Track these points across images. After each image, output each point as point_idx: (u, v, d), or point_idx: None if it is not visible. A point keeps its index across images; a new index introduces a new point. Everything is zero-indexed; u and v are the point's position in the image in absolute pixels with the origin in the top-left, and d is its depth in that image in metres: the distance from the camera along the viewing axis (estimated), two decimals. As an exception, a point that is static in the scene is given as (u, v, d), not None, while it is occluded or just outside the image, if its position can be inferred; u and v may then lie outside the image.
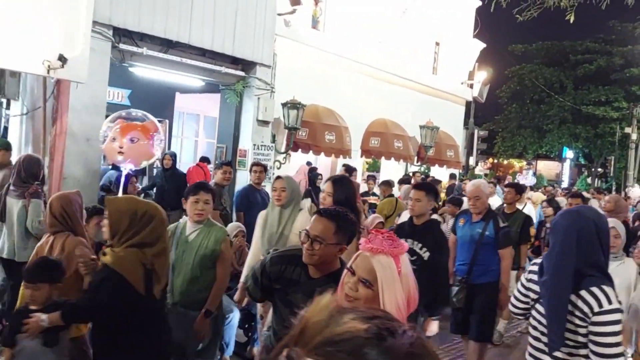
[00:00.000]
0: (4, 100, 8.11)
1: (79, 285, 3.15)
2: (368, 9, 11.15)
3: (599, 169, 30.03)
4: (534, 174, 29.28)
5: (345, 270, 1.91)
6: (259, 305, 3.85)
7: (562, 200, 9.49)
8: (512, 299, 2.79)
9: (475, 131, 18.48)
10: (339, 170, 10.13)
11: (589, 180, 28.91)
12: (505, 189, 6.40)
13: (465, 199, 9.06)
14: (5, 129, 7.77)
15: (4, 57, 5.30)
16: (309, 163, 9.59)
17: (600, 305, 2.30)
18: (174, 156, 8.10)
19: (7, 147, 5.71)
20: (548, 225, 6.43)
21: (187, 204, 3.58)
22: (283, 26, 9.16)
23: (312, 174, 8.79)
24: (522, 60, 29.09)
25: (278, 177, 3.98)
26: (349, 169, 8.19)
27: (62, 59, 5.61)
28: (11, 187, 4.61)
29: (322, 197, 3.48)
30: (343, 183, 3.52)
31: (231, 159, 8.68)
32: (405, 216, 5.78)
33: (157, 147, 4.40)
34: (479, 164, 21.46)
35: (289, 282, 2.44)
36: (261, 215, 4.09)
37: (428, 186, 4.35)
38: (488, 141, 22.33)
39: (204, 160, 9.20)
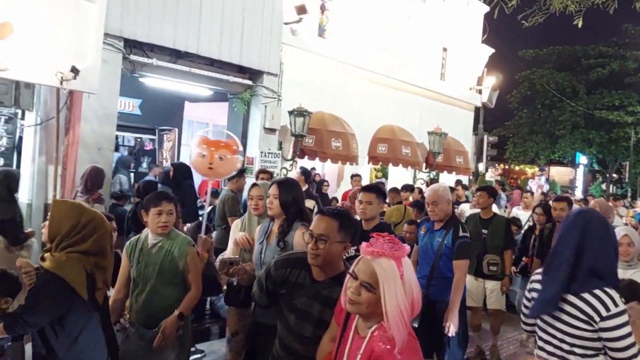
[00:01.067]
0: (19, 111, 8.36)
1: None
2: (374, 15, 11.27)
3: (614, 175, 29.67)
4: (547, 180, 29.05)
5: (347, 275, 1.92)
6: (229, 318, 3.72)
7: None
8: (521, 314, 2.73)
9: (485, 137, 18.43)
10: (346, 177, 10.24)
11: (603, 186, 28.58)
12: (476, 193, 5.79)
13: (465, 206, 9.15)
14: (20, 139, 8.01)
15: (18, 70, 5.49)
16: (313, 169, 9.70)
17: (607, 309, 2.27)
18: (178, 168, 8.08)
19: None
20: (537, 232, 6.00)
21: (148, 216, 3.31)
22: (289, 35, 9.32)
23: (318, 181, 8.87)
24: (532, 65, 28.91)
25: (254, 185, 3.71)
26: (305, 172, 7.96)
27: (75, 70, 5.79)
28: (79, 194, 5.42)
29: (268, 202, 3.29)
30: (288, 185, 3.35)
31: (245, 167, 8.83)
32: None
33: (239, 163, 4.81)
34: (490, 170, 21.37)
35: (294, 286, 2.44)
36: (236, 223, 3.88)
37: (377, 188, 4.13)
38: (499, 147, 22.22)
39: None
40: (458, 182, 13.38)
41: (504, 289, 5.58)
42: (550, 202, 6.12)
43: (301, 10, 9.00)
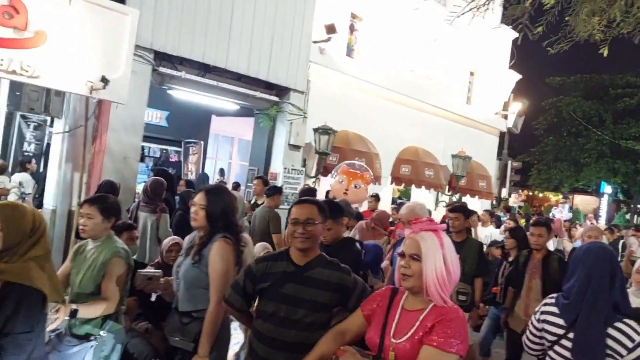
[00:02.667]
0: (48, 118, 8.49)
1: None
2: (402, 37, 11.28)
3: (639, 206, 29.04)
4: (570, 208, 28.49)
5: (398, 257, 2.16)
6: None
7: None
8: (525, 339, 2.69)
9: (509, 162, 18.20)
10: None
11: (627, 216, 27.94)
12: (449, 214, 5.09)
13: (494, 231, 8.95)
14: (48, 145, 8.13)
15: (50, 77, 5.56)
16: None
17: (632, 340, 2.29)
18: (190, 183, 8.06)
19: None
20: (511, 259, 5.52)
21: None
22: (317, 53, 9.34)
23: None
24: (559, 93, 28.65)
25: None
26: (265, 180, 7.75)
27: (105, 80, 5.86)
28: (142, 204, 5.76)
29: (193, 211, 2.96)
30: (218, 193, 3.03)
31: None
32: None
33: (368, 192, 5.07)
34: (513, 195, 21.06)
35: (279, 275, 2.51)
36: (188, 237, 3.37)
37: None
38: (523, 173, 21.92)
39: (237, 186, 9.44)
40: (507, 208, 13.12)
41: (470, 322, 5.05)
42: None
43: (330, 29, 9.03)
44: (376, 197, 8.24)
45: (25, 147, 8.73)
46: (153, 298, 3.12)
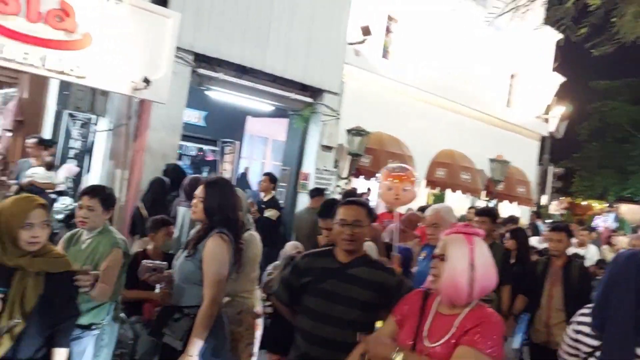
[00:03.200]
0: (93, 117, 8.87)
1: None
2: (438, 38, 11.21)
3: (689, 216, 27.69)
4: (616, 217, 27.45)
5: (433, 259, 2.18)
6: None
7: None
8: (560, 352, 2.58)
9: (550, 168, 17.76)
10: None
11: (678, 227, 26.74)
12: (476, 218, 4.99)
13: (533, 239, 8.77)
14: (93, 143, 8.49)
15: (95, 78, 5.86)
16: (369, 189, 9.68)
17: None
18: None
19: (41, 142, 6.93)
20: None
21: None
22: (352, 54, 9.42)
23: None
24: (604, 97, 27.68)
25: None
26: (273, 178, 7.51)
27: (147, 80, 6.12)
28: (181, 200, 5.72)
29: (193, 204, 2.93)
30: (217, 187, 2.92)
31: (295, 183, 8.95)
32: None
33: (416, 192, 5.29)
34: (554, 203, 20.51)
35: (321, 271, 2.55)
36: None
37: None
38: (565, 179, 21.32)
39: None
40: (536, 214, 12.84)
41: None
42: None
43: (366, 31, 9.10)
44: (423, 209, 8.19)
45: (71, 144, 9.12)
46: (157, 290, 3.08)
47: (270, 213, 7.10)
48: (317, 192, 6.55)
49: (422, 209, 7.14)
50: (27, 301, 2.27)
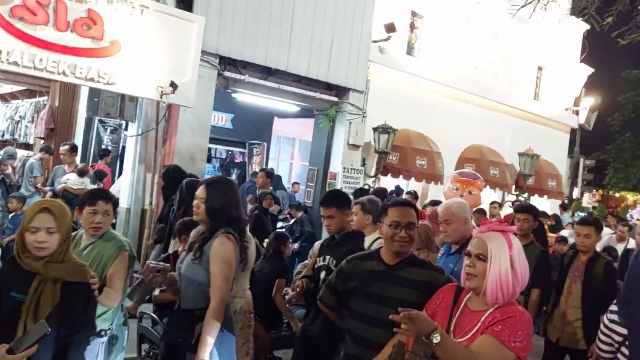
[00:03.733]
0: (123, 123, 9.04)
1: None
2: (464, 33, 11.07)
3: None
4: (651, 209, 26.65)
5: (464, 256, 2.17)
6: None
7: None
8: (597, 341, 2.65)
9: (581, 160, 17.34)
10: (430, 197, 10.02)
11: None
12: (518, 215, 4.75)
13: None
14: (124, 148, 8.65)
15: (124, 84, 5.97)
16: (397, 187, 9.60)
17: None
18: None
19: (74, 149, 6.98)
20: None
21: (82, 215, 3.07)
22: (377, 52, 9.36)
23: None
24: (637, 87, 26.93)
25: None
26: (269, 173, 7.73)
27: (174, 85, 6.21)
28: (249, 205, 5.90)
29: (195, 205, 2.87)
30: (219, 187, 2.86)
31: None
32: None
33: (481, 198, 5.48)
34: (586, 195, 20.04)
35: (368, 274, 2.52)
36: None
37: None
38: (597, 172, 20.78)
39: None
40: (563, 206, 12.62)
41: None
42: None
43: (390, 28, 9.02)
44: (435, 203, 8.10)
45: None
46: (156, 292, 3.02)
47: (271, 208, 7.37)
48: (361, 193, 6.54)
49: (434, 203, 6.65)
50: (42, 309, 2.23)
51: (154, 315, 4.21)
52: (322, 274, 3.33)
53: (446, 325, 2.09)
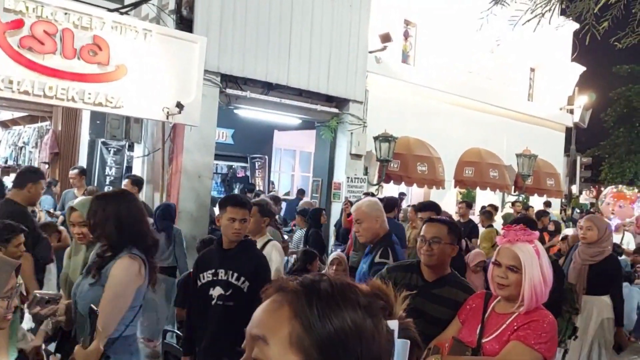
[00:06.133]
0: (126, 143, 9.11)
1: None
2: (457, 39, 11.24)
3: None
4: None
5: (490, 265, 2.23)
6: None
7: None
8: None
9: (578, 158, 17.53)
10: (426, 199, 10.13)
11: None
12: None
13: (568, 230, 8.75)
14: (128, 169, 8.71)
15: (131, 106, 6.06)
16: (401, 194, 9.72)
17: None
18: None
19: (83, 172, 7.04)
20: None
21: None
22: (374, 63, 9.51)
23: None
24: (628, 82, 27.19)
25: (72, 209, 2.89)
26: (138, 181, 6.55)
27: (180, 105, 6.30)
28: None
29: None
30: (111, 200, 2.57)
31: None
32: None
33: (637, 210, 5.62)
34: (584, 192, 20.21)
35: (406, 288, 2.55)
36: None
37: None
38: (593, 168, 20.99)
39: (302, 193, 9.72)
40: (547, 203, 12.78)
41: None
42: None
43: (386, 38, 9.18)
44: (467, 204, 8.29)
45: (107, 172, 9.36)
46: (44, 326, 2.57)
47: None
48: (392, 201, 6.63)
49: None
50: None
51: (178, 332, 4.29)
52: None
53: (478, 328, 2.20)
